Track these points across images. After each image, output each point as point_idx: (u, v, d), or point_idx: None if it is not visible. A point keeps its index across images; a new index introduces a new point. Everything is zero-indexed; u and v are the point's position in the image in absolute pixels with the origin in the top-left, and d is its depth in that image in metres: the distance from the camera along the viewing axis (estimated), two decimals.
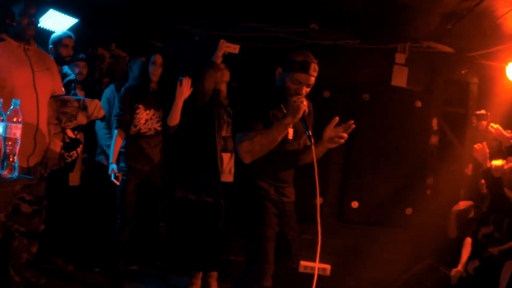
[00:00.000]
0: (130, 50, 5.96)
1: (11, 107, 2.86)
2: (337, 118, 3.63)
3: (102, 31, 5.69)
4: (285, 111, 3.49)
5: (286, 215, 3.68)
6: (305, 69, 3.45)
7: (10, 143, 2.84)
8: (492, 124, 5.08)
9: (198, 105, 4.81)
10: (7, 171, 2.83)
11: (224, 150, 4.89)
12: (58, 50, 4.79)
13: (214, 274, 5.01)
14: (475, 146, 5.03)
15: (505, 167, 4.75)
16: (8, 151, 2.83)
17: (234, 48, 4.72)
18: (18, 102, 2.90)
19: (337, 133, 3.65)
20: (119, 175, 4.61)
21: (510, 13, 4.35)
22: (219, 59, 4.74)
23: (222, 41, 4.73)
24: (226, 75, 5.00)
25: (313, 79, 3.51)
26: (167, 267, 5.23)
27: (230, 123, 4.83)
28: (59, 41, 4.81)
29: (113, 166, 4.64)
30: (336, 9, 5.00)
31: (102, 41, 5.79)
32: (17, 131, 2.87)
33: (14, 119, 2.85)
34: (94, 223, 5.32)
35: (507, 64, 5.08)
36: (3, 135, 2.82)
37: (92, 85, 5.69)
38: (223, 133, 4.90)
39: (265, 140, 3.42)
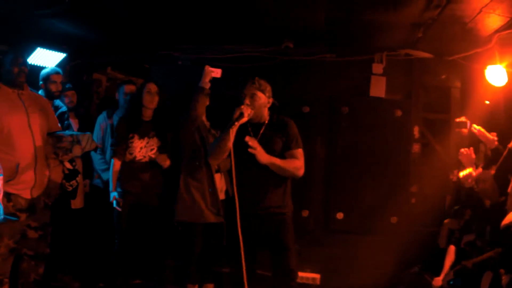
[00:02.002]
0: (126, 72, 6.31)
1: None
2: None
3: (88, 60, 5.99)
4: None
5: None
6: (246, 81, 4.22)
7: None
8: (475, 126, 5.02)
9: (189, 129, 4.92)
10: None
11: (217, 171, 5.06)
12: (47, 86, 5.17)
13: (210, 286, 5.17)
14: (462, 150, 4.99)
15: (474, 175, 4.70)
16: None
17: (217, 72, 4.83)
18: None
19: None
20: (120, 201, 4.88)
21: (478, 17, 4.31)
22: (207, 85, 4.82)
23: (207, 66, 4.84)
24: (208, 99, 5.09)
25: (254, 87, 4.19)
26: (166, 281, 5.45)
27: None
28: (48, 78, 5.18)
29: (114, 194, 4.91)
30: (305, 28, 5.08)
31: (96, 68, 6.13)
32: None
33: None
34: (97, 242, 5.62)
35: (486, 67, 5.00)
36: None
37: (90, 110, 6.05)
38: None
39: (216, 144, 4.15)
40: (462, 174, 4.72)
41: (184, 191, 4.92)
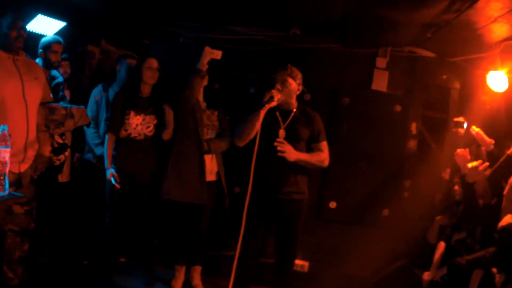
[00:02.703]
0: (119, 46, 6.14)
1: None
2: None
3: (90, 31, 5.83)
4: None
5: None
6: (279, 67, 4.36)
7: None
8: (474, 127, 5.16)
9: (183, 110, 4.90)
10: None
11: (206, 152, 5.00)
12: (47, 55, 4.98)
13: (198, 268, 5.19)
14: (458, 150, 5.10)
15: (480, 168, 4.81)
16: None
17: (217, 54, 4.74)
18: (6, 127, 3.15)
19: None
20: (117, 177, 4.75)
21: (490, 25, 4.40)
22: (204, 67, 4.75)
23: (207, 48, 4.74)
24: (205, 80, 5.02)
25: (286, 74, 4.32)
26: (154, 261, 5.38)
27: (210, 126, 5.03)
28: (49, 46, 4.98)
29: (111, 170, 4.78)
30: (317, 18, 5.09)
31: (91, 40, 5.95)
32: (5, 155, 3.16)
33: (2, 143, 3.11)
34: (83, 218, 5.53)
35: (488, 72, 5.12)
36: None
37: (82, 81, 5.89)
38: (206, 136, 5.01)
39: (244, 125, 4.23)
40: (471, 164, 4.81)
41: (172, 169, 4.90)
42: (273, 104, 4.16)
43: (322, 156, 4.41)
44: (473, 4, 3.91)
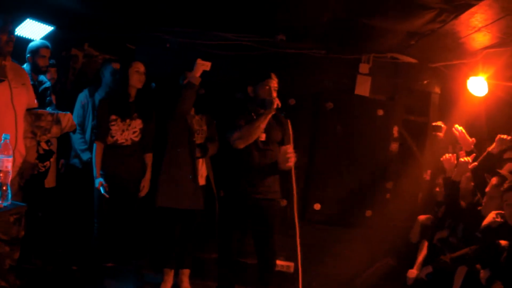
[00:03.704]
0: (103, 50, 6.15)
1: (1, 141, 3.10)
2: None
3: (76, 35, 5.83)
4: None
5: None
6: (267, 75, 4.65)
7: (2, 175, 3.11)
8: (457, 126, 5.32)
9: (177, 121, 4.96)
10: (2, 199, 3.14)
11: (199, 157, 5.07)
12: (35, 60, 4.97)
13: (186, 271, 5.23)
14: (445, 155, 5.26)
15: (470, 166, 5.00)
16: (1, 181, 3.11)
17: (207, 65, 4.73)
18: (8, 136, 3.16)
19: None
20: (107, 186, 4.73)
21: (473, 34, 4.55)
22: (197, 80, 4.74)
23: (199, 60, 4.71)
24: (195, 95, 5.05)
25: (275, 81, 4.65)
26: (143, 265, 5.43)
27: (200, 131, 5.11)
28: (37, 51, 4.97)
29: (100, 180, 4.75)
30: (303, 25, 5.17)
31: (74, 44, 5.96)
32: (8, 164, 3.17)
33: (5, 153, 3.12)
34: (71, 223, 5.52)
35: (468, 78, 5.28)
36: None
37: (66, 86, 5.89)
38: (197, 141, 5.08)
39: (251, 127, 4.49)
40: (463, 159, 5.00)
41: (166, 177, 4.94)
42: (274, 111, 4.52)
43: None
44: (459, 15, 4.06)
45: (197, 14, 5.23)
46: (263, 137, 4.64)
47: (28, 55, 4.96)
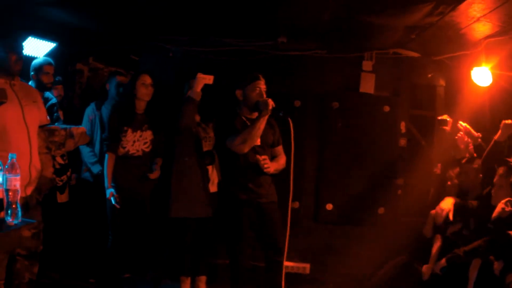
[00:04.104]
0: (108, 62, 6.20)
1: (8, 160, 3.13)
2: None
3: (79, 50, 5.89)
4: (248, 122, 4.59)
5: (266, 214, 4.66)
6: (256, 77, 4.61)
7: (11, 193, 3.13)
8: (461, 123, 5.30)
9: (180, 131, 4.92)
10: (12, 217, 3.14)
11: (208, 164, 5.10)
12: (39, 78, 5.03)
13: (203, 278, 5.23)
14: (458, 134, 5.28)
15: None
16: (10, 200, 3.13)
17: (209, 79, 4.69)
18: (15, 155, 3.17)
19: None
20: (117, 196, 4.75)
21: (473, 24, 4.53)
22: (198, 96, 4.71)
23: (199, 74, 4.68)
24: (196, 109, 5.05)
25: (263, 82, 4.62)
26: (160, 274, 5.47)
27: (207, 138, 5.13)
28: (40, 68, 5.03)
29: (111, 190, 4.76)
30: (305, 25, 5.16)
31: (79, 58, 6.02)
32: (16, 183, 3.18)
33: (13, 172, 3.14)
34: (87, 236, 5.55)
35: (472, 68, 5.24)
36: (5, 187, 3.11)
37: (73, 101, 5.94)
38: (204, 149, 5.10)
39: (252, 130, 4.44)
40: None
41: (177, 187, 4.94)
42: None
43: (284, 159, 4.78)
44: (456, 6, 4.03)
45: (197, 22, 5.23)
46: (258, 141, 4.62)
47: (32, 72, 5.02)
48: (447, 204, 5.01)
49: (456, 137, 5.27)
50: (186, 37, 5.68)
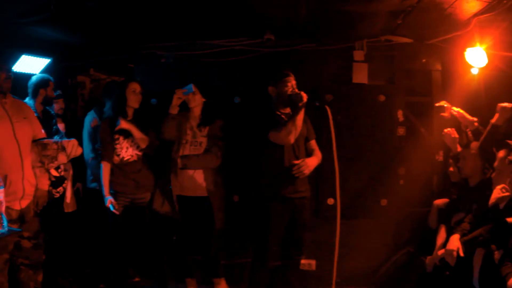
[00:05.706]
0: (109, 72, 6.33)
1: None
2: None
3: (73, 63, 6.01)
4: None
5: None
6: (286, 74, 4.85)
7: None
8: (454, 108, 5.14)
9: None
10: None
11: (182, 168, 5.11)
12: (48, 93, 5.19)
13: (221, 280, 5.30)
14: (445, 130, 5.11)
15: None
16: None
17: (184, 96, 5.06)
18: None
19: None
20: (115, 204, 4.89)
21: (456, 2, 4.37)
22: (175, 110, 5.08)
23: (176, 91, 5.05)
24: (198, 99, 5.17)
25: (293, 78, 4.84)
26: (166, 276, 5.47)
27: (193, 142, 5.16)
28: (47, 84, 5.20)
29: (110, 198, 4.90)
30: (286, 21, 5.13)
31: (80, 70, 6.16)
32: (0, 194, 3.42)
33: None
34: (97, 244, 5.67)
35: (465, 49, 5.08)
36: None
37: (76, 113, 6.07)
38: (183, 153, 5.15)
39: (294, 121, 4.62)
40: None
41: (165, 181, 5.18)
42: None
43: (320, 154, 5.02)
44: None
45: (185, 26, 5.28)
46: None
47: (40, 88, 5.16)
48: (454, 243, 4.75)
49: (443, 134, 5.11)
50: (175, 43, 5.73)
